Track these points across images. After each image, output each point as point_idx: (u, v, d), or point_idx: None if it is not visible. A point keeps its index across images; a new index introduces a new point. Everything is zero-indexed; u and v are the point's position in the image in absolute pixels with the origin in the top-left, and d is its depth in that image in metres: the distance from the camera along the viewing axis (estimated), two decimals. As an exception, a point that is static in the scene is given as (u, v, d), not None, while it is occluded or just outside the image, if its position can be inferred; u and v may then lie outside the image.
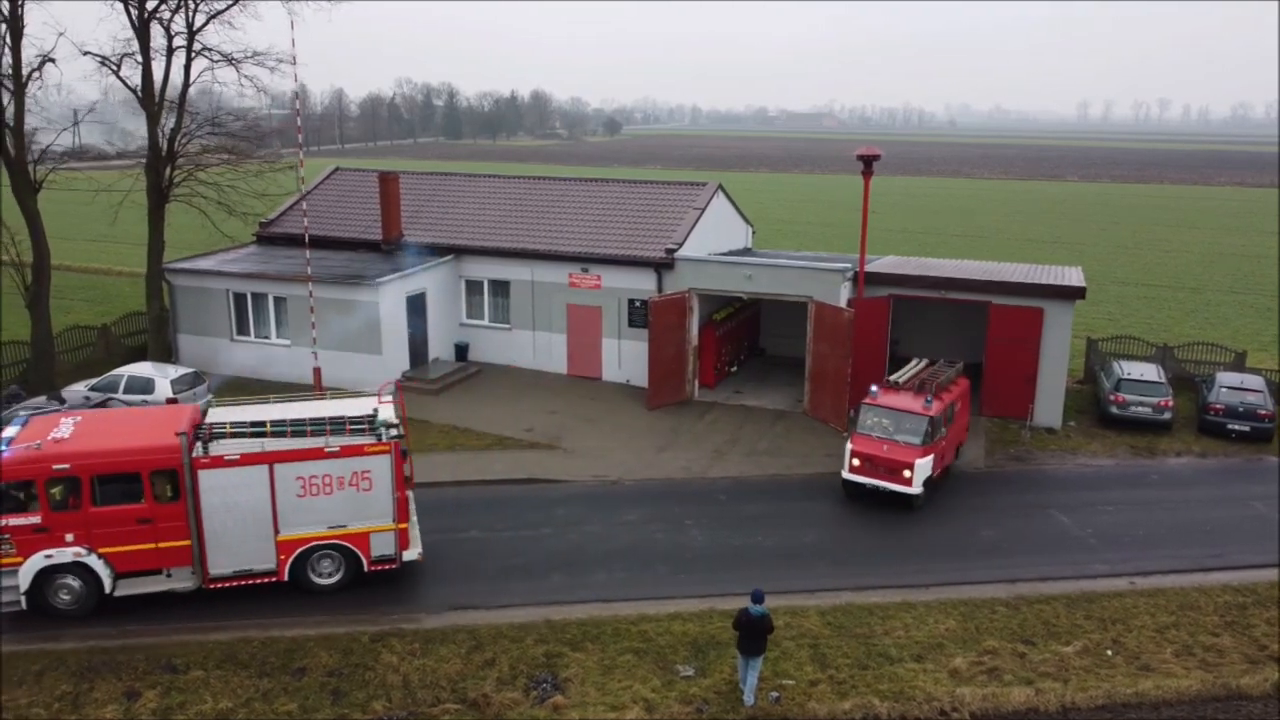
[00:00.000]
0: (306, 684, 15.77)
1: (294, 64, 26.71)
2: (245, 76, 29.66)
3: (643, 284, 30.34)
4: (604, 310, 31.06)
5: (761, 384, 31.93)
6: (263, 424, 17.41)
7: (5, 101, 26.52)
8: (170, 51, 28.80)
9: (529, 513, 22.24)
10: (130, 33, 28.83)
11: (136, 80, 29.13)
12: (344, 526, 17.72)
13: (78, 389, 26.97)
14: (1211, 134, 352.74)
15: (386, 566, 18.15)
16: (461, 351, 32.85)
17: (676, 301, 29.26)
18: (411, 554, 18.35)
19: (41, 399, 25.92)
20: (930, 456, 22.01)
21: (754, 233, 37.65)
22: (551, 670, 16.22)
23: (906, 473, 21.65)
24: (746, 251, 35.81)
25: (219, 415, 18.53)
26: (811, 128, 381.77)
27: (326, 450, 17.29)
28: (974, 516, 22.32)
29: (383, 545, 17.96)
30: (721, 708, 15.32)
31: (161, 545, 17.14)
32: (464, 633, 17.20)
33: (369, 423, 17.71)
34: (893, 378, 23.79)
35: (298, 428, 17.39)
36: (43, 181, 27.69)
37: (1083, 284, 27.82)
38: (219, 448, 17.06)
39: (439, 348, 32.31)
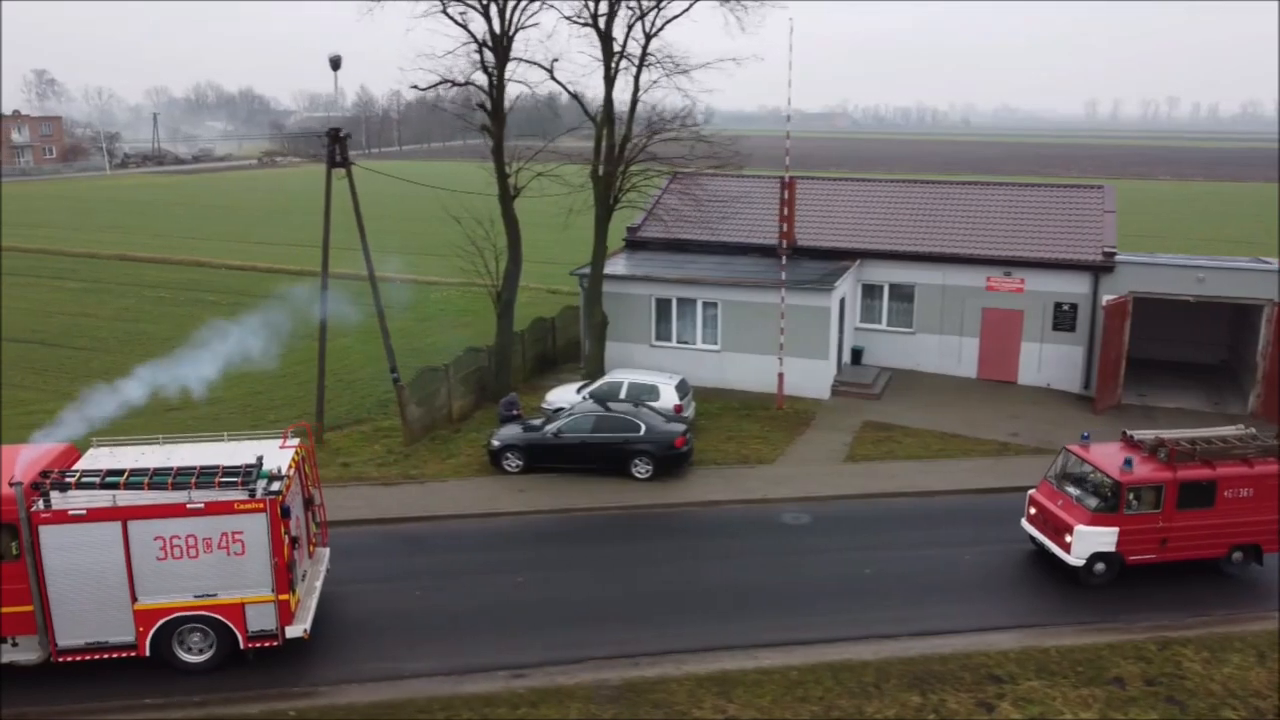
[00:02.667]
0: (1137, 693, 15.74)
1: (789, 70, 26.61)
2: (678, 87, 29.37)
3: (1070, 287, 30.36)
4: (1026, 313, 31.07)
5: (1149, 386, 31.75)
6: (120, 473, 15.12)
7: (500, 111, 26.48)
8: (618, 57, 28.58)
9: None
10: (557, 39, 28.69)
11: (577, 86, 29.13)
12: (214, 596, 15.34)
13: (563, 395, 26.91)
14: (1223, 132, 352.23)
15: (266, 644, 15.70)
16: (856, 355, 32.84)
17: (1121, 305, 29.30)
18: (295, 630, 15.72)
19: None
20: (1109, 529, 18.46)
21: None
22: (1355, 678, 16.22)
23: (1068, 537, 18.65)
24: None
25: (94, 458, 16.31)
26: (825, 127, 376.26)
27: (188, 507, 14.92)
28: None
29: (261, 619, 15.55)
30: None
31: (4, 610, 15.00)
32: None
33: (245, 474, 15.21)
34: (1136, 432, 20.10)
35: (158, 479, 15.03)
36: (520, 189, 27.59)
37: None
38: (64, 500, 14.83)
39: (844, 352, 32.33)
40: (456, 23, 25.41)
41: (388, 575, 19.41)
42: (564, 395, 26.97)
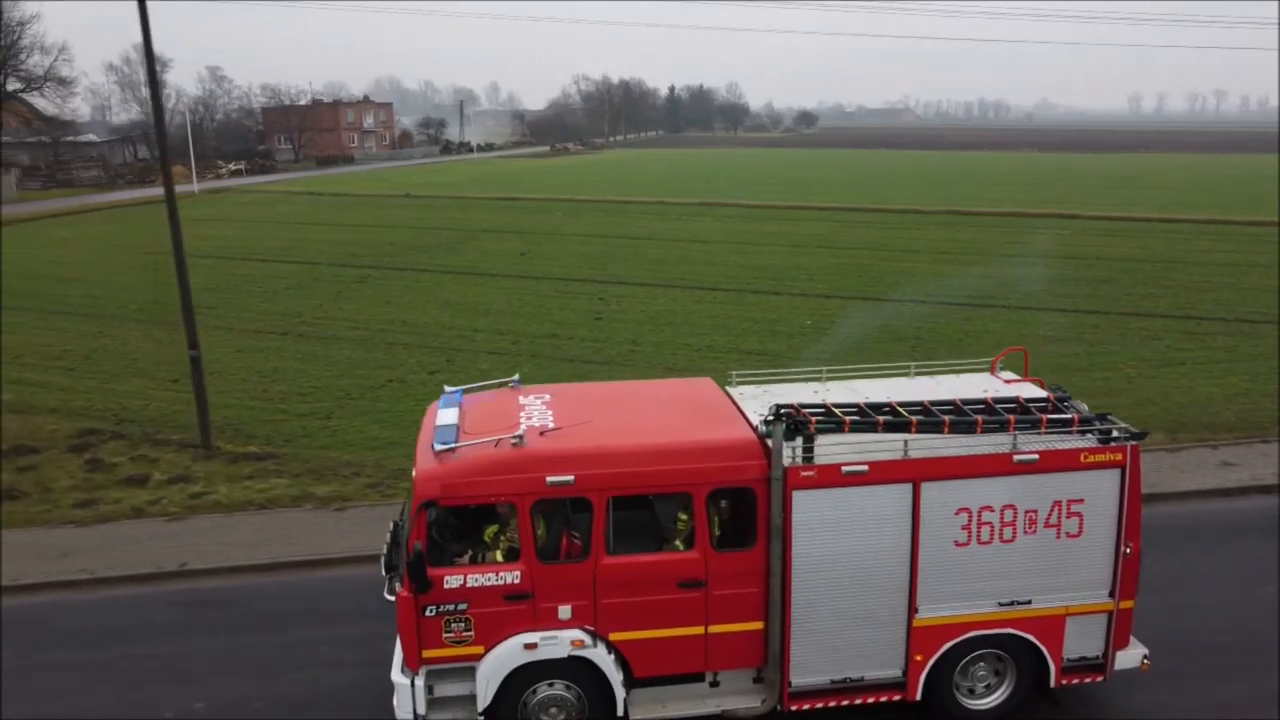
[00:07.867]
0: None
1: None
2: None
3: None
4: None
5: None
6: (879, 407, 9.59)
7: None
8: None
9: None
10: None
11: None
12: (1026, 604, 9.75)
13: None
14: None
15: (1085, 679, 10.06)
16: None
17: None
18: (1132, 657, 10.11)
19: None
20: None
21: None
22: None
23: None
24: None
25: (744, 396, 10.76)
26: (891, 122, 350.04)
27: (1015, 460, 9.32)
28: None
29: (1085, 639, 9.93)
30: None
31: (714, 630, 9.44)
32: None
33: (1061, 408, 9.81)
34: None
35: (958, 417, 9.46)
36: None
37: None
38: (828, 450, 9.21)
39: None
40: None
41: None
42: None
